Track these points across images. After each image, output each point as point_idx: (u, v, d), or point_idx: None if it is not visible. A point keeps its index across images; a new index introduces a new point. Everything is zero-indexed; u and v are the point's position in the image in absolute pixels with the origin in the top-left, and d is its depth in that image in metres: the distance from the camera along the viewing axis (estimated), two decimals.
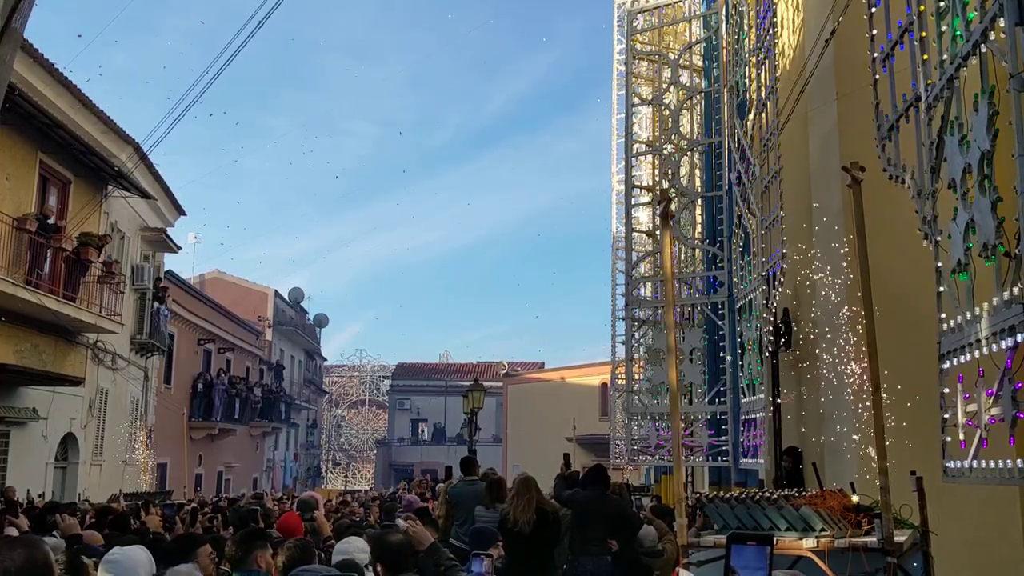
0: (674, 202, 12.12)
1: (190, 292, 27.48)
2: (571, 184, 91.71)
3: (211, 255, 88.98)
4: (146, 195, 18.47)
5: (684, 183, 13.07)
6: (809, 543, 4.71)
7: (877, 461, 4.84)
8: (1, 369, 13.40)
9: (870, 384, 4.98)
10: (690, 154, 13.25)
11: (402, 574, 3.95)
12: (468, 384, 18.92)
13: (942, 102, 4.54)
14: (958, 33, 4.35)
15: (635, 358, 13.72)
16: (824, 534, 4.76)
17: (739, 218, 11.05)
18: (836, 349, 8.13)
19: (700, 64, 13.48)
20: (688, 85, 13.28)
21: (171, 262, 24.62)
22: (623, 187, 14.55)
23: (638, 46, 13.89)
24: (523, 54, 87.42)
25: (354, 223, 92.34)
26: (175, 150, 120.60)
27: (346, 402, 52.05)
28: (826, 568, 4.54)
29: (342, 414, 51.42)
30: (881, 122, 5.49)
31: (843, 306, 7.98)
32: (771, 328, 9.50)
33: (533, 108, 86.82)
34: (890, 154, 5.38)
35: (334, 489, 30.98)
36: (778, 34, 10.16)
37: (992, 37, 3.91)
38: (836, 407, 8.10)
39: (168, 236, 21.62)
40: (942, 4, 4.59)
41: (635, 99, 14.00)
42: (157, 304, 20.70)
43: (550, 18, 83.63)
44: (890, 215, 6.26)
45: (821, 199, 8.98)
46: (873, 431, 5.00)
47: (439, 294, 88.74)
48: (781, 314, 9.64)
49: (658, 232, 12.38)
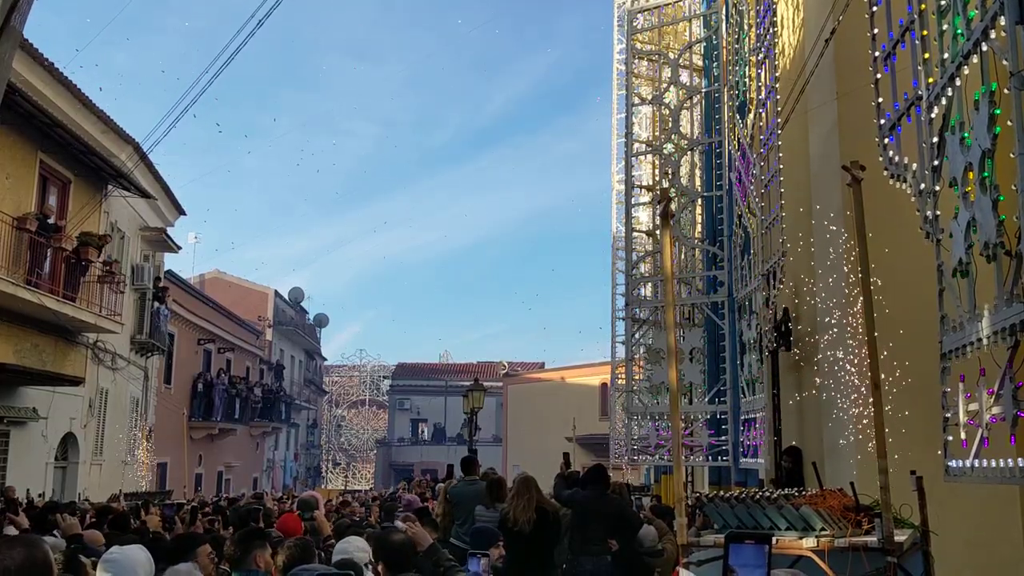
0: (674, 202, 12.12)
1: (190, 292, 27.46)
2: (571, 184, 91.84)
3: (211, 255, 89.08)
4: (146, 195, 18.46)
5: (684, 183, 13.07)
6: (809, 543, 4.71)
7: (877, 461, 4.83)
8: (1, 369, 13.39)
9: (870, 383, 4.98)
10: (690, 154, 13.25)
11: (403, 574, 3.96)
12: (468, 384, 18.90)
13: (943, 101, 4.54)
14: (959, 32, 4.34)
15: (635, 358, 13.73)
16: (824, 534, 4.76)
17: (739, 218, 11.05)
18: (836, 349, 8.13)
19: (700, 64, 13.48)
20: (688, 85, 13.28)
21: (171, 262, 24.65)
22: (623, 187, 14.56)
23: (638, 45, 13.89)
24: (523, 54, 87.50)
25: (354, 223, 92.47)
26: (175, 150, 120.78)
27: (346, 402, 52.05)
28: (826, 568, 4.53)
29: (342, 414, 51.42)
30: (882, 121, 5.48)
31: (843, 306, 7.97)
32: (771, 328, 9.49)
33: (533, 108, 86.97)
34: (891, 153, 5.37)
35: (334, 489, 30.98)
36: (778, 33, 10.15)
37: (993, 36, 3.91)
38: (836, 407, 8.09)
39: (168, 236, 21.61)
40: (943, 3, 4.59)
41: (635, 99, 14.01)
42: (157, 304, 20.69)
43: (550, 18, 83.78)
44: (890, 214, 6.25)
45: (821, 199, 8.96)
46: (873, 431, 5.00)
47: (439, 294, 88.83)
48: (781, 314, 9.63)
49: (658, 232, 12.37)
